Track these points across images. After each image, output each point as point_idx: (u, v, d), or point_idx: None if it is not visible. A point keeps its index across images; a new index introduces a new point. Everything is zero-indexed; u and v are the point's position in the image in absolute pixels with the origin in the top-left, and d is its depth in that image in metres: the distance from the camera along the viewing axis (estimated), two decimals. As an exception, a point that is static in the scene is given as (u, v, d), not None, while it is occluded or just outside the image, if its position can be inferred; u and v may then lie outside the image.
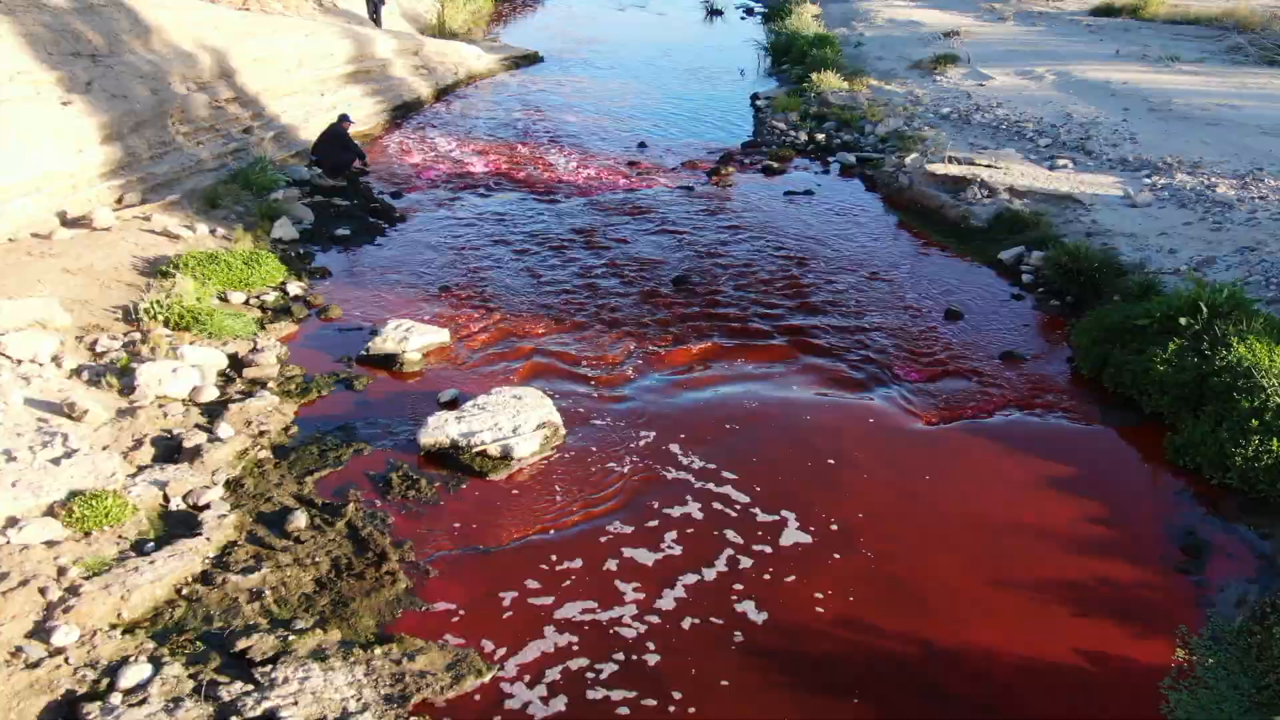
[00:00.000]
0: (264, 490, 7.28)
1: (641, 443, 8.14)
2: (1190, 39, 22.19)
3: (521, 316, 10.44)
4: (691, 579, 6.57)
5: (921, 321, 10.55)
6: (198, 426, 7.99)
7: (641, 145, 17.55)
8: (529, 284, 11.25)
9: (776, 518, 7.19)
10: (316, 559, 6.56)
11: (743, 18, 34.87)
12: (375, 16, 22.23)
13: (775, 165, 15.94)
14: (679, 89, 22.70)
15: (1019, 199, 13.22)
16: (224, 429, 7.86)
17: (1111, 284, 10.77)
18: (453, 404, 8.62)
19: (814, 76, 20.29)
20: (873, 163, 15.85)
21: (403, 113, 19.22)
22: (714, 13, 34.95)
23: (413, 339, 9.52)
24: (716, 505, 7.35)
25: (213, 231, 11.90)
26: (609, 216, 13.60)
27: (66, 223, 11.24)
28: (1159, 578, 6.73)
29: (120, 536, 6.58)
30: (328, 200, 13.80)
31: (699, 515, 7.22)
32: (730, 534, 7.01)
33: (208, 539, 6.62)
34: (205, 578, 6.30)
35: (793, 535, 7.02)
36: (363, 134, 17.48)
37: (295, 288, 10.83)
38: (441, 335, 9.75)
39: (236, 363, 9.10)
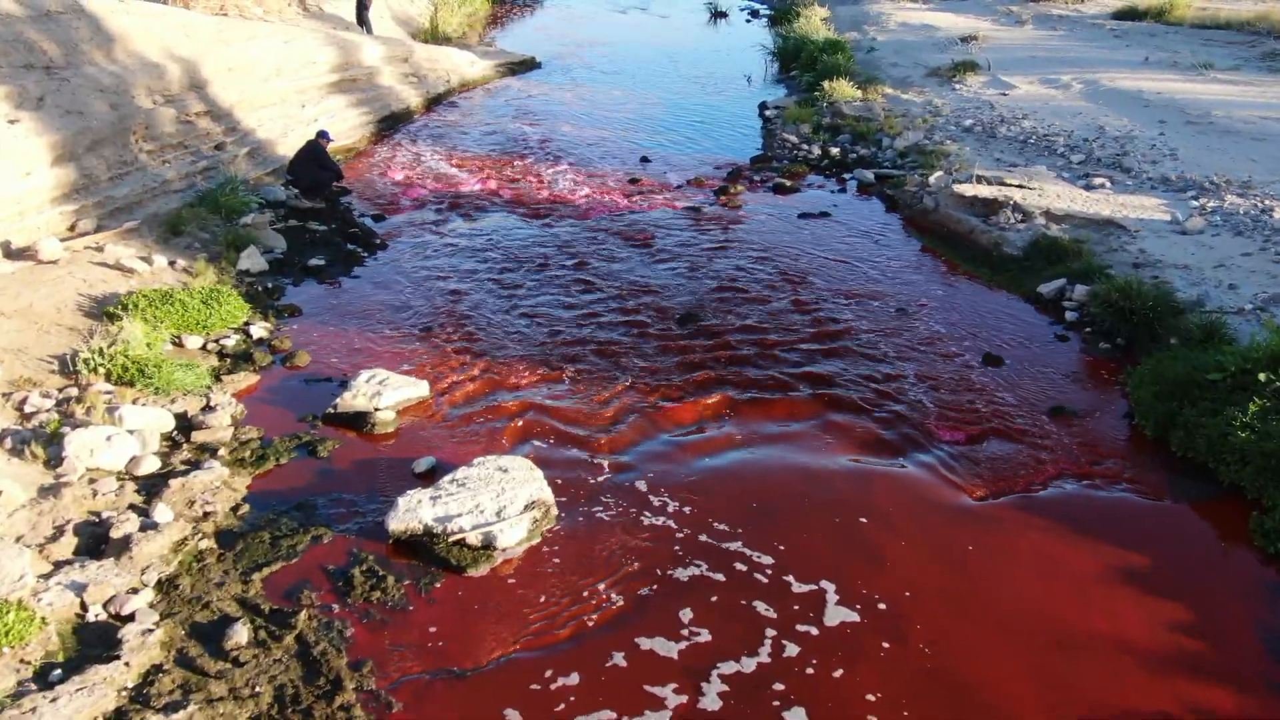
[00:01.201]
0: (202, 592, 6.18)
1: (647, 523, 7.04)
2: (1221, 44, 21.07)
3: (510, 363, 9.34)
4: (729, 669, 5.47)
5: (957, 368, 9.45)
6: (132, 508, 6.89)
7: (644, 160, 16.45)
8: (520, 324, 10.15)
9: (811, 600, 6.09)
10: (257, 688, 5.46)
11: (747, 20, 33.77)
12: (363, 20, 21.12)
13: (787, 183, 14.83)
14: (683, 97, 21.60)
15: (1056, 224, 12.12)
16: (162, 511, 6.76)
17: (1168, 324, 9.67)
18: (430, 475, 7.53)
19: (826, 85, 19.19)
20: (893, 181, 14.74)
21: (390, 124, 18.12)
22: (717, 15, 33.84)
23: (387, 394, 8.42)
24: (737, 599, 6.26)
25: (172, 263, 10.80)
26: (608, 242, 12.50)
27: (9, 254, 10.17)
28: (1259, 704, 5.64)
29: (22, 661, 5.48)
30: (303, 225, 12.69)
31: (717, 614, 6.12)
32: (761, 616, 5.91)
33: (127, 663, 5.52)
34: (119, 718, 5.21)
35: (835, 615, 5.93)
36: (347, 148, 16.40)
37: (260, 329, 9.73)
38: (420, 388, 8.66)
39: (185, 424, 8.01)
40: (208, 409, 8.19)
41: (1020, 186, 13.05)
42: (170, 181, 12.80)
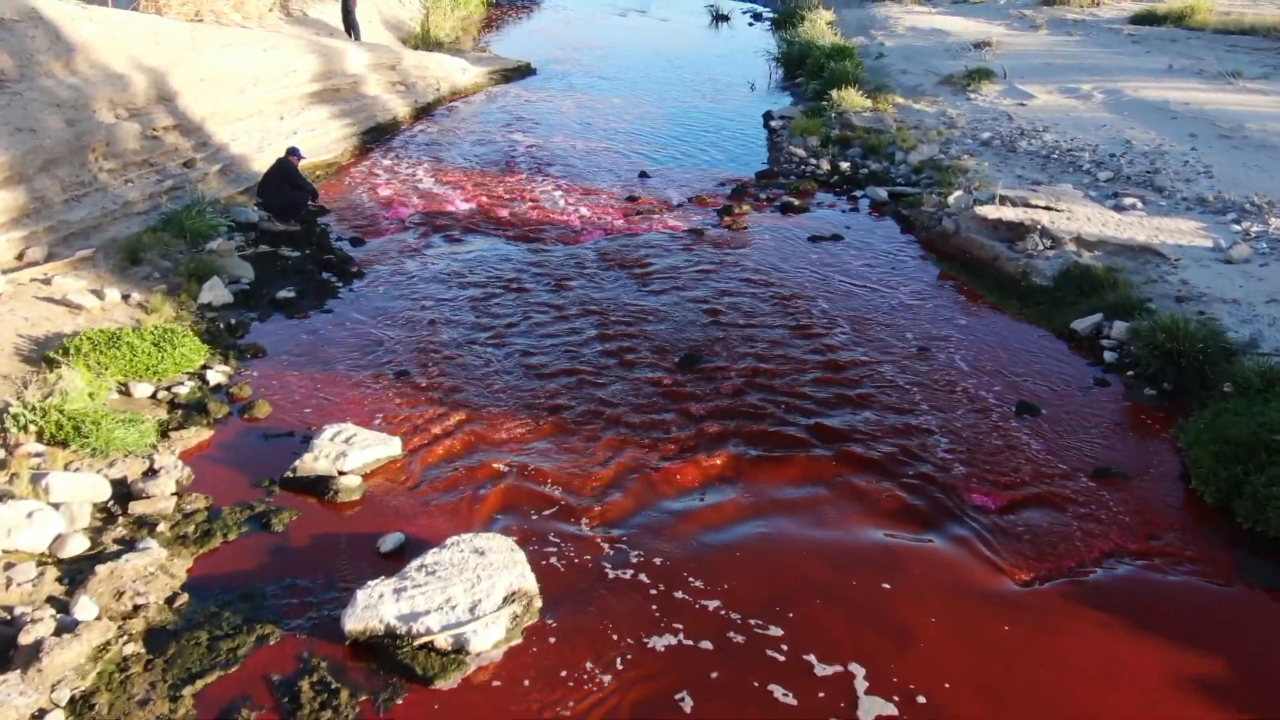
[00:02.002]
0: (122, 714, 5.26)
1: (646, 616, 6.13)
2: (1246, 51, 20.15)
3: (493, 414, 8.41)
4: None
5: (988, 419, 8.53)
6: (50, 601, 5.98)
7: (643, 175, 15.54)
8: (505, 366, 9.23)
9: (840, 706, 5.19)
10: None
11: (750, 24, 32.85)
12: (350, 25, 20.19)
13: (796, 202, 13.90)
14: (684, 106, 20.68)
15: (1088, 251, 11.20)
16: (84, 607, 5.85)
17: (1220, 369, 8.74)
18: (397, 554, 6.62)
19: (834, 94, 18.25)
20: (908, 199, 13.82)
21: (375, 136, 17.19)
22: (719, 18, 32.92)
23: (353, 454, 7.51)
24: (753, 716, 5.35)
25: (126, 297, 9.88)
26: (604, 270, 11.57)
27: (-54, 289, 9.28)
28: None
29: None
30: (274, 250, 11.77)
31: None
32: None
33: (20, 817, 4.61)
34: None
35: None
36: (328, 162, 15.50)
37: (218, 374, 8.81)
38: (390, 446, 7.73)
39: (123, 492, 7.09)
40: (150, 474, 7.27)
41: (1047, 208, 12.13)
42: (132, 203, 11.89)
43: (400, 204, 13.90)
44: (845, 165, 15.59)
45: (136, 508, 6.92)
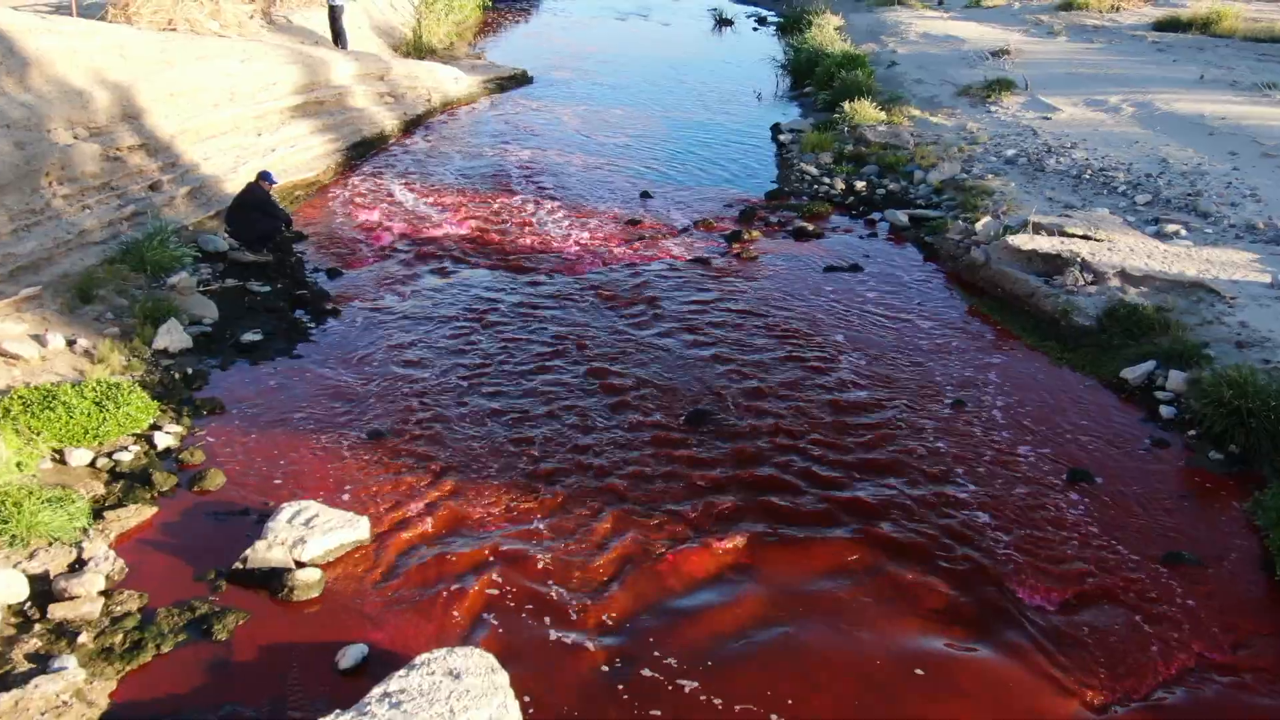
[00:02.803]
0: None
1: (647, 758, 5.15)
2: (1278, 60, 19.16)
3: (476, 486, 7.43)
4: None
5: (1036, 489, 7.54)
6: (-62, 745, 5.00)
7: (644, 195, 14.55)
8: (491, 427, 8.23)
9: None
10: None
11: (755, 29, 31.87)
12: (338, 33, 19.20)
13: (809, 227, 12.91)
14: (687, 117, 19.69)
15: (1134, 287, 10.21)
16: (-24, 752, 4.88)
17: (1295, 430, 7.77)
18: (359, 670, 5.64)
19: (846, 106, 17.27)
20: (931, 224, 12.83)
21: (361, 151, 16.21)
22: (723, 23, 31.94)
23: (313, 540, 6.53)
24: None
25: (71, 343, 8.89)
26: (602, 307, 10.59)
27: None
28: None
29: None
30: (242, 285, 10.78)
31: None
32: None
33: None
34: None
35: None
36: (309, 181, 14.51)
37: (168, 435, 7.83)
38: (357, 530, 6.75)
39: (44, 590, 6.12)
40: (77, 567, 6.30)
41: (1085, 237, 11.14)
42: (89, 232, 10.90)
43: (383, 228, 12.92)
44: (860, 185, 14.60)
45: (57, 611, 5.94)
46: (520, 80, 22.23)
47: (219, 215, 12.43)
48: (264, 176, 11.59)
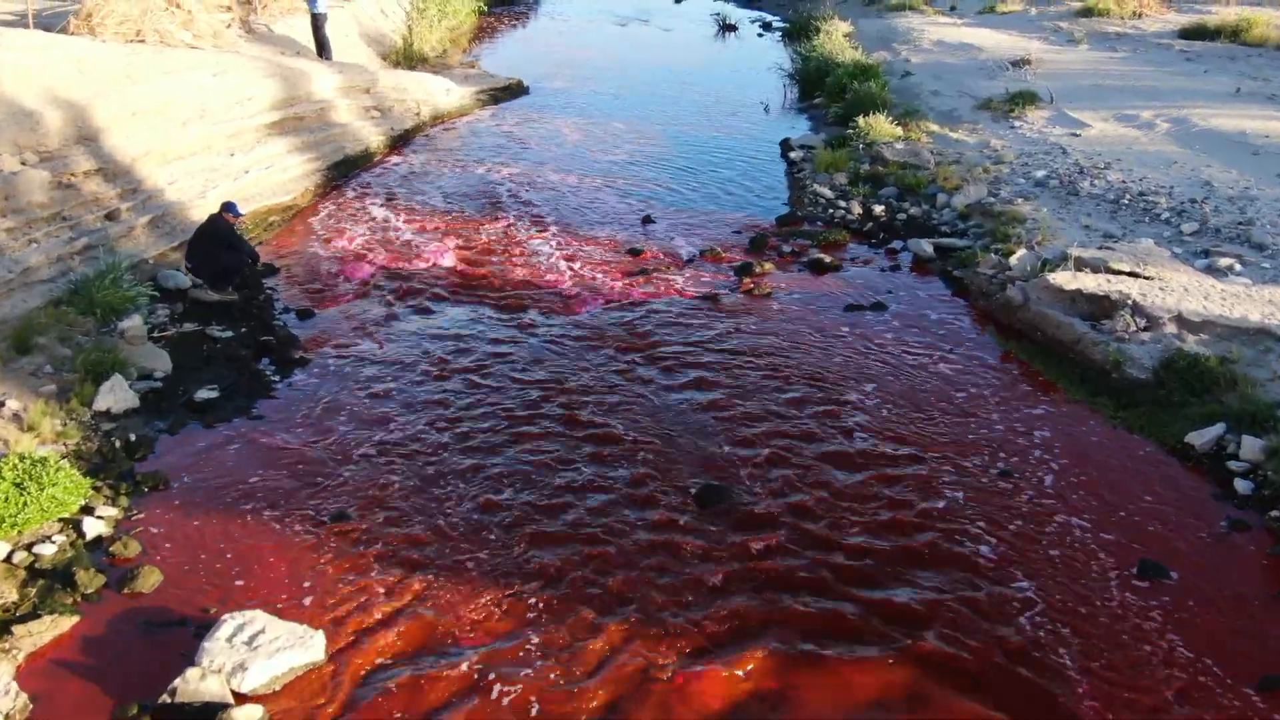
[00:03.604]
0: None
1: None
2: (1315, 70, 18.13)
3: (454, 585, 6.40)
4: None
5: (1102, 586, 6.51)
6: None
7: (646, 220, 13.52)
8: (471, 508, 7.19)
9: None
10: None
11: (760, 34, 30.81)
12: (321, 42, 18.15)
13: (826, 259, 11.85)
14: (691, 131, 18.64)
15: (1192, 334, 9.18)
16: None
17: (1397, 515, 6.74)
18: None
19: (861, 121, 16.23)
20: (959, 255, 11.78)
21: (344, 171, 15.17)
22: (727, 28, 30.88)
23: (257, 664, 5.50)
24: None
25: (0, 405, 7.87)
26: (601, 356, 9.55)
27: None
28: None
29: None
30: (202, 329, 9.75)
31: None
32: None
33: None
34: None
35: None
36: (285, 205, 13.48)
37: (100, 521, 6.81)
38: (310, 649, 5.71)
39: (-73, 736, 5.10)
40: (-30, 703, 5.27)
41: (1134, 274, 10.11)
42: (34, 269, 9.90)
43: (363, 259, 11.88)
44: (879, 208, 13.56)
45: (-61, 767, 4.92)
46: (515, 91, 21.18)
47: (183, 246, 11.38)
48: (228, 208, 10.56)
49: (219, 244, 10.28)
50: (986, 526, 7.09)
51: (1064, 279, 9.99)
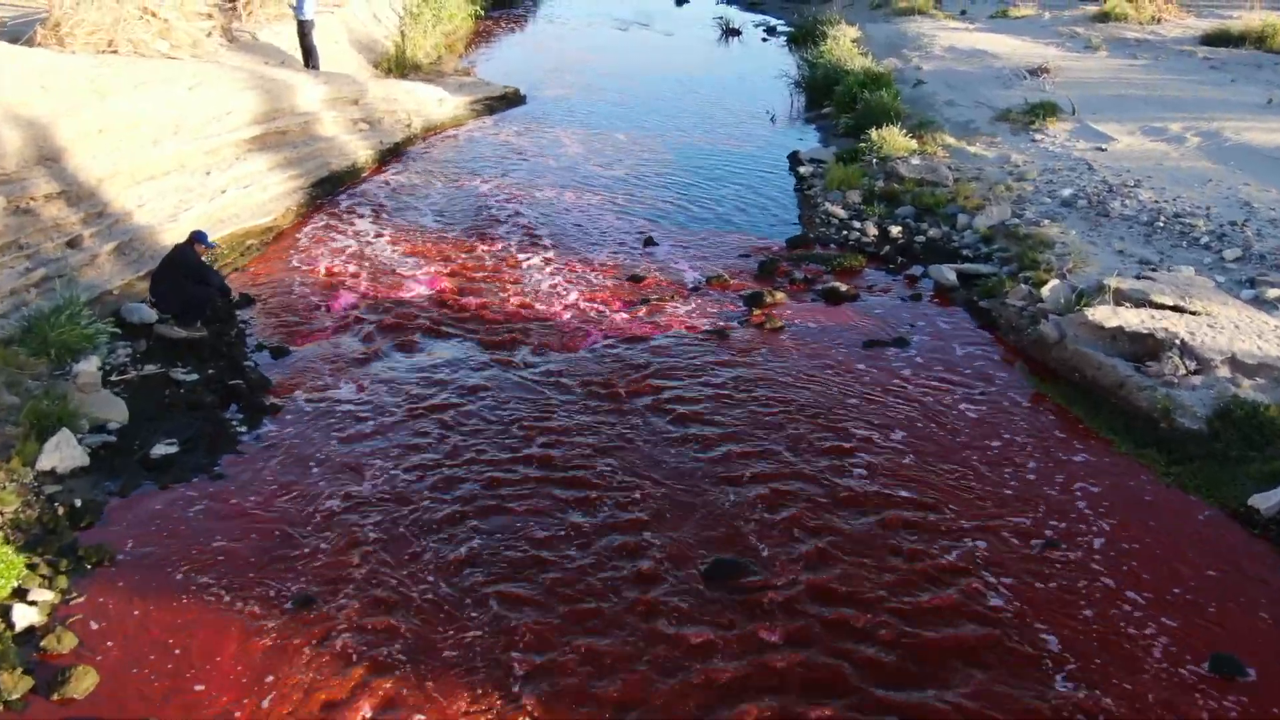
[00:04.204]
0: None
1: None
2: (1348, 79, 17.34)
3: (431, 687, 5.60)
4: None
5: (1169, 686, 5.71)
6: None
7: (648, 242, 12.72)
8: (455, 589, 6.40)
9: None
10: None
11: (764, 39, 30.00)
12: (308, 51, 17.35)
13: (841, 288, 11.05)
14: (695, 142, 17.85)
15: (1247, 377, 8.38)
16: None
17: None
18: None
19: (873, 134, 15.43)
20: (985, 285, 10.98)
21: (329, 188, 14.37)
22: (730, 33, 30.07)
23: (197, 799, 4.70)
24: None
25: (-69, 468, 7.08)
26: (599, 402, 8.75)
27: None
28: None
29: None
30: (165, 371, 8.95)
31: None
32: None
33: None
34: None
35: None
36: (264, 228, 12.69)
37: (33, 609, 6.01)
38: (261, 777, 4.93)
39: None
40: None
41: (1178, 309, 9.31)
42: (-15, 305, 9.11)
43: (345, 287, 11.09)
44: (895, 230, 12.76)
45: None
46: (511, 100, 20.38)
47: (150, 276, 10.59)
48: (197, 238, 9.75)
49: (186, 277, 9.48)
50: (1033, 612, 6.29)
51: (1104, 315, 9.19)
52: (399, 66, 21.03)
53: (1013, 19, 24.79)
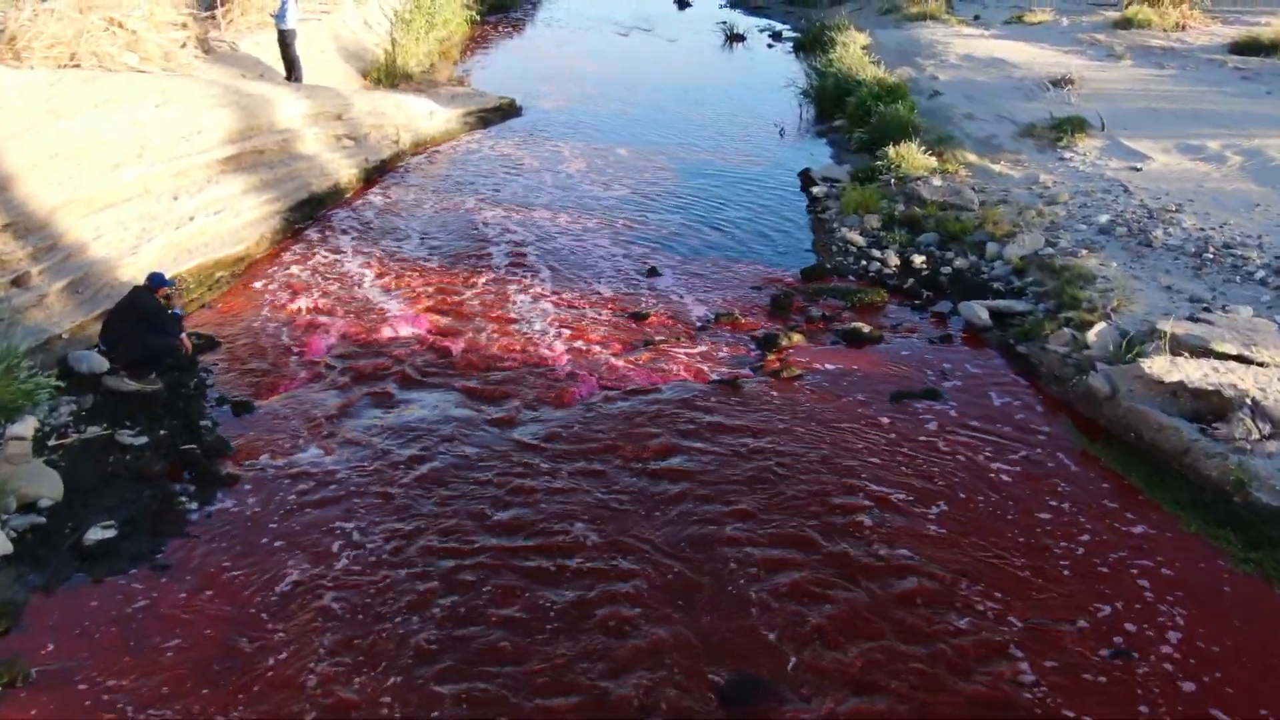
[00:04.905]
0: None
1: None
2: (1391, 91, 16.38)
3: None
4: None
5: None
6: None
7: (652, 272, 11.78)
8: (421, 715, 5.45)
9: None
10: None
11: (769, 45, 29.05)
12: (290, 62, 16.40)
13: (864, 329, 10.07)
14: (700, 158, 16.91)
15: (1329, 444, 7.42)
16: None
17: None
18: None
19: (891, 152, 14.48)
20: (1020, 325, 10.01)
21: (308, 212, 13.42)
22: (734, 38, 29.11)
23: None
24: None
25: None
26: (597, 467, 7.78)
27: None
28: None
29: None
30: (110, 433, 7.98)
31: None
32: None
33: None
34: None
35: None
36: (235, 258, 11.75)
37: (-76, 747, 5.07)
38: None
39: None
40: None
41: (1243, 359, 8.35)
42: (-88, 357, 8.14)
43: (320, 327, 10.14)
44: (919, 259, 11.80)
45: None
46: (507, 112, 19.42)
47: (105, 315, 9.63)
48: (155, 281, 8.78)
49: (142, 325, 8.51)
50: (1109, 742, 5.34)
51: (1161, 368, 8.23)
52: (389, 76, 20.07)
53: (1029, 25, 23.83)
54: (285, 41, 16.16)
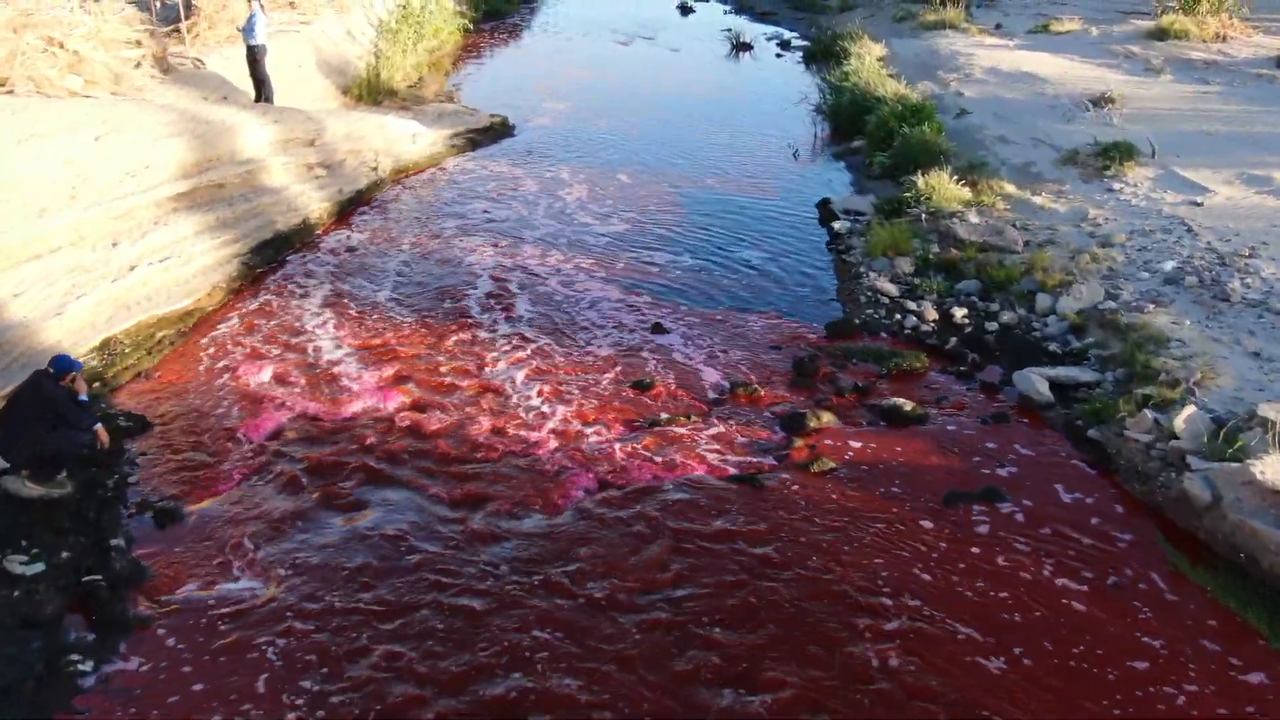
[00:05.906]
0: None
1: None
2: None
3: None
4: None
5: None
6: None
7: (656, 329, 10.36)
8: None
9: None
10: None
11: (778, 54, 27.59)
12: (260, 81, 14.97)
13: (904, 406, 8.61)
14: (708, 187, 15.49)
15: None
16: None
17: None
18: None
19: (920, 182, 13.06)
20: (1088, 400, 8.57)
21: (273, 253, 12.02)
22: (741, 47, 27.68)
23: None
24: None
25: None
26: (592, 593, 6.37)
27: None
28: None
29: None
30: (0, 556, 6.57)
31: None
32: None
33: None
34: None
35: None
36: (182, 313, 10.37)
37: None
38: None
39: None
40: None
41: (1369, 460, 6.93)
42: None
43: (272, 402, 8.73)
44: (960, 312, 10.39)
45: None
46: (498, 131, 17.99)
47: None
48: (60, 366, 7.30)
49: (46, 418, 7.08)
50: None
51: (1276, 472, 6.80)
52: (372, 92, 18.66)
53: (1056, 35, 22.40)
54: (254, 58, 14.73)
